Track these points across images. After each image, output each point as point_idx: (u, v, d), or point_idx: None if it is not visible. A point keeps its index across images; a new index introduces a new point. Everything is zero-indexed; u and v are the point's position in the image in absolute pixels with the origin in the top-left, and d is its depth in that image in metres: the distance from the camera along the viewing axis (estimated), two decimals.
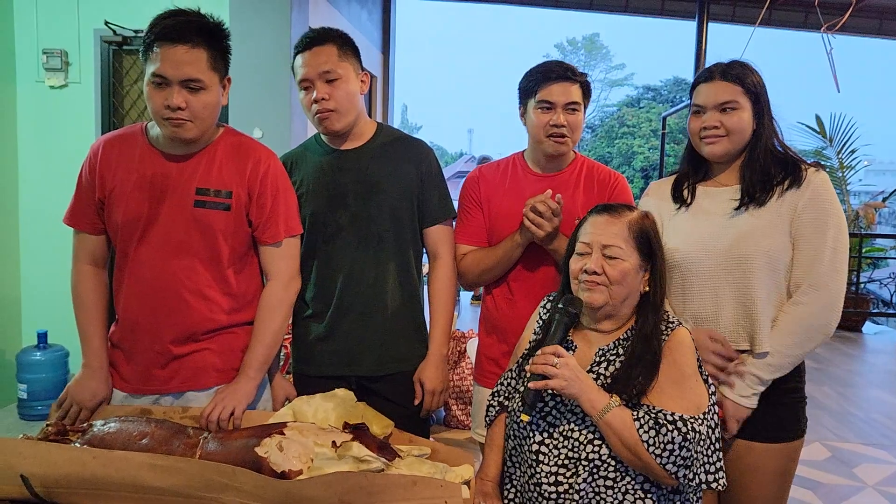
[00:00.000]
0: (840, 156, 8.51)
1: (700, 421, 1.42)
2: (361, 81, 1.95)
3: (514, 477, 1.61)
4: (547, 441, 1.51)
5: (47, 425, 1.62)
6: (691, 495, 1.51)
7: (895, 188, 9.54)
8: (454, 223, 2.10)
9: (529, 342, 1.68)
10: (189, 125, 1.66)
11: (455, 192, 2.15)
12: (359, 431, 1.53)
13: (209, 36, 1.66)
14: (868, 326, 7.99)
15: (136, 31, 3.95)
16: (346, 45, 1.92)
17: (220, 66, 1.70)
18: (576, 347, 1.58)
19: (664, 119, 10.08)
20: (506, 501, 1.61)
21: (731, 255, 1.70)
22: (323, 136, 1.99)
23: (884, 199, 9.12)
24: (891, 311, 8.91)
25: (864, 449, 4.13)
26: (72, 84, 4.05)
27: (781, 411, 1.75)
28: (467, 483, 1.48)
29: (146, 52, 1.64)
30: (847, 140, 8.51)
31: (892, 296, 9.08)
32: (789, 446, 1.76)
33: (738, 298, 1.71)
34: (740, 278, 1.70)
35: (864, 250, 8.09)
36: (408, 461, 1.51)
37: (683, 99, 20.43)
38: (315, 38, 1.90)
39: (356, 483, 1.33)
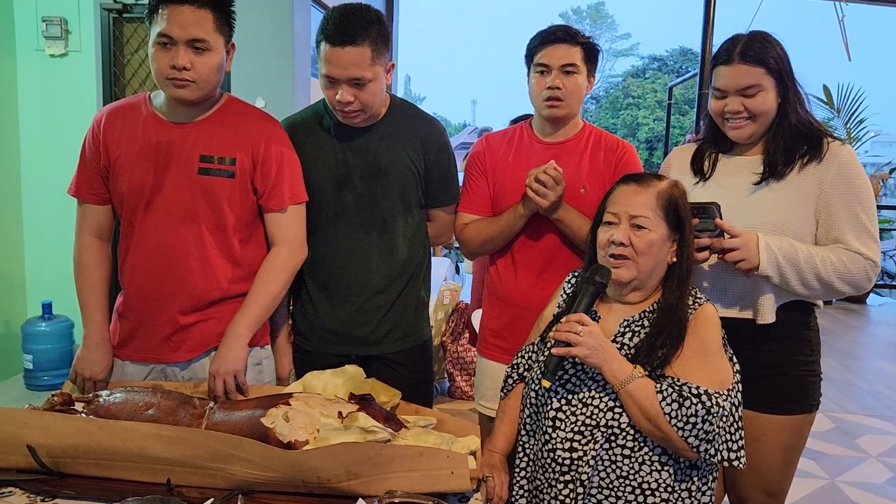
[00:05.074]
0: (847, 126, 8.43)
1: (724, 396, 1.41)
2: (387, 72, 1.83)
3: (527, 446, 1.60)
4: (565, 408, 1.50)
5: (53, 395, 1.62)
6: (706, 471, 1.50)
7: None
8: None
9: (554, 315, 1.66)
10: (192, 86, 1.66)
11: (458, 164, 2.11)
12: (365, 402, 1.53)
13: None
14: (872, 298, 8.01)
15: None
16: (379, 41, 1.74)
17: (225, 30, 1.69)
18: (599, 318, 1.57)
19: (671, 89, 9.93)
20: (518, 471, 1.61)
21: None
22: None
23: (890, 171, 9.06)
24: (895, 283, 8.88)
25: (868, 420, 4.15)
26: (72, 53, 4.00)
27: (788, 383, 1.74)
28: (473, 454, 1.48)
29: (151, 14, 1.64)
30: (855, 110, 8.41)
31: None
32: (795, 420, 1.75)
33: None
34: None
35: None
36: (414, 432, 1.51)
37: (689, 69, 20.18)
38: (350, 35, 1.70)
39: (363, 454, 1.33)
